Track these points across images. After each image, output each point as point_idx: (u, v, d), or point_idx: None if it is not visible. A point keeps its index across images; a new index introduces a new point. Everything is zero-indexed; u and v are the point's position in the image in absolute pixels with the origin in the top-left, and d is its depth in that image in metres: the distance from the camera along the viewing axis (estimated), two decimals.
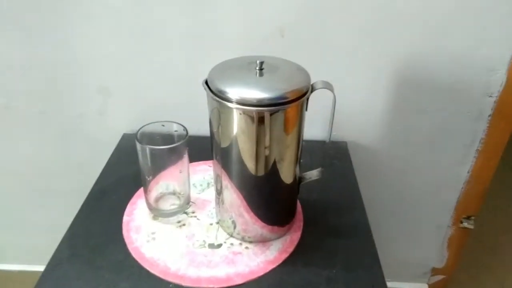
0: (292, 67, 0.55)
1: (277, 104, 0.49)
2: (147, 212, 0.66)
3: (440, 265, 1.06)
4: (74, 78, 0.82)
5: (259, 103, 0.49)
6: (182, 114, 0.83)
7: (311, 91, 0.53)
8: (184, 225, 0.64)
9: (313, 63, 0.59)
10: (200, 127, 0.75)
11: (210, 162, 0.58)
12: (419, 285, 1.10)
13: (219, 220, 0.64)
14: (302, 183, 0.62)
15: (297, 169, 0.59)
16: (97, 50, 0.79)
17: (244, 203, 0.57)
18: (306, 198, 0.67)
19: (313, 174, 0.62)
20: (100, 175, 0.74)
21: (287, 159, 0.55)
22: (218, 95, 0.50)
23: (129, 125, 0.87)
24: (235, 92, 0.49)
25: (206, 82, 0.53)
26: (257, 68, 0.52)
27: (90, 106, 0.85)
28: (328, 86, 0.54)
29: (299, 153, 0.57)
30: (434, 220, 0.98)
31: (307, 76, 0.53)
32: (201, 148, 0.64)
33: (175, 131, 0.63)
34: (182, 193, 0.67)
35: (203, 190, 0.72)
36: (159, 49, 0.78)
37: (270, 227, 0.61)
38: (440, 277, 1.08)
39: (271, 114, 0.50)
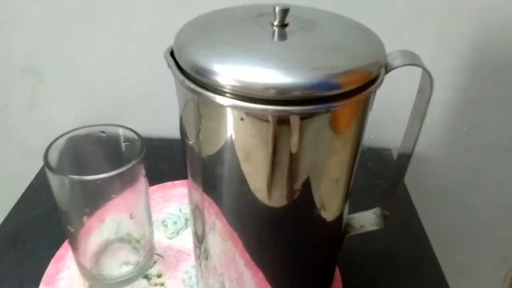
0: (342, 23, 0.28)
1: (318, 100, 0.22)
2: (80, 278, 0.39)
3: None
4: None
5: (282, 97, 0.22)
6: (149, 104, 0.57)
7: (385, 73, 0.26)
8: None
9: None
10: (177, 124, 0.48)
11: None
12: None
13: None
14: (348, 235, 0.35)
15: (345, 213, 0.32)
16: (20, 11, 0.51)
17: (249, 261, 0.31)
18: (345, 247, 0.41)
19: (367, 220, 0.35)
20: (16, 204, 0.47)
21: (328, 199, 0.29)
22: (194, 78, 0.24)
23: (73, 123, 0.59)
24: (229, 71, 0.22)
25: (172, 53, 0.26)
26: (276, 23, 0.25)
27: (14, 96, 0.58)
28: (416, 60, 0.27)
29: (351, 187, 0.31)
30: (500, 251, 0.72)
31: (376, 42, 0.26)
32: (176, 159, 0.37)
33: (124, 142, 0.36)
34: (141, 241, 0.40)
35: (177, 232, 0.45)
36: (111, 8, 0.51)
37: None
38: None
39: (302, 119, 0.23)
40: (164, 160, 0.53)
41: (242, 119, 0.23)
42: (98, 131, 0.35)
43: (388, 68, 0.26)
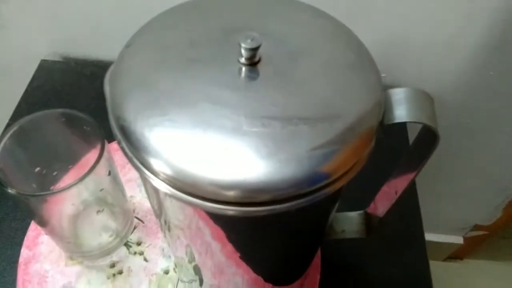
0: (332, 50, 0.21)
1: (301, 195, 0.18)
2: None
3: (486, 223, 0.83)
4: None
5: (242, 199, 0.17)
6: (130, 26, 0.49)
7: (381, 129, 0.20)
8: (120, 273, 0.38)
9: None
10: None
11: None
12: (453, 238, 0.90)
13: (176, 263, 0.38)
14: (327, 238, 0.33)
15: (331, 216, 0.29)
16: None
17: (216, 232, 0.29)
18: None
19: (350, 224, 0.32)
20: None
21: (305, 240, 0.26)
22: (133, 153, 0.19)
23: (51, 46, 0.53)
24: (168, 156, 0.17)
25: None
26: (243, 59, 0.19)
27: None
28: (423, 116, 0.21)
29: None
30: (500, 182, 0.71)
31: (374, 89, 0.20)
32: None
33: (86, 127, 0.32)
34: (116, 205, 0.38)
35: None
36: None
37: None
38: (480, 232, 0.87)
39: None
40: None
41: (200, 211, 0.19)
42: (57, 115, 0.31)
43: (385, 122, 0.20)
